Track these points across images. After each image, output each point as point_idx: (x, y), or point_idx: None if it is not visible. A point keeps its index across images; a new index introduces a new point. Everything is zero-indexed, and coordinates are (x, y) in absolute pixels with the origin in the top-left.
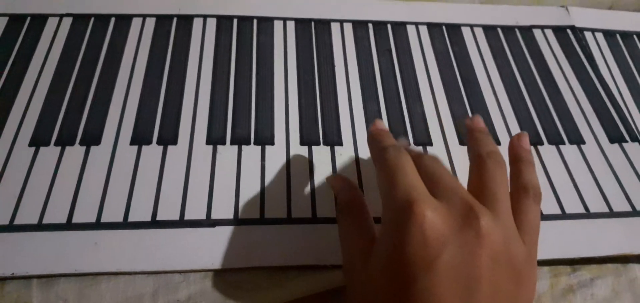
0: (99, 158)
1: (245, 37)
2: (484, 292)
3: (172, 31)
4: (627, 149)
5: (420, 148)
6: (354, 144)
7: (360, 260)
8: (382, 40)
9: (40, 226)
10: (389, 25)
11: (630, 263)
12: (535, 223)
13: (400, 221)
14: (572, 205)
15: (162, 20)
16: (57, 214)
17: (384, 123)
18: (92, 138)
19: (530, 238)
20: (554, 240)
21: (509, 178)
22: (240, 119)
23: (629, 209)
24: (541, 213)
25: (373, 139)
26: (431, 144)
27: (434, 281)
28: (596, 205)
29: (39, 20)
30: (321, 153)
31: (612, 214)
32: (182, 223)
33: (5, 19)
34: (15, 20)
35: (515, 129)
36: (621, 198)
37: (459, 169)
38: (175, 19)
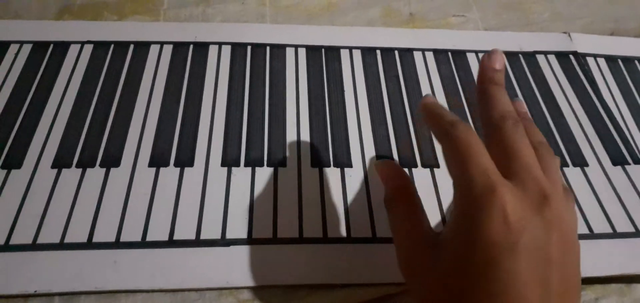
0: (119, 179)
1: (258, 63)
2: (556, 272)
3: (189, 58)
4: (630, 171)
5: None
6: (364, 166)
7: (427, 250)
8: (389, 66)
9: (62, 245)
10: (396, 52)
11: (634, 283)
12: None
13: (480, 205)
14: None
15: (179, 47)
16: (78, 233)
17: (433, 96)
18: (112, 160)
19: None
20: None
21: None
22: (254, 142)
23: (633, 230)
24: None
25: (432, 114)
26: (438, 166)
27: (517, 262)
28: (600, 226)
29: (62, 48)
30: (331, 175)
31: (615, 235)
32: (198, 242)
33: (29, 46)
34: (39, 47)
35: None
36: (624, 219)
37: None
38: (191, 46)
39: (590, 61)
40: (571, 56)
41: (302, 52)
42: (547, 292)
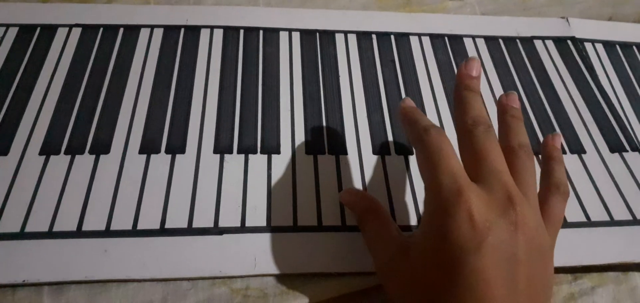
0: (109, 166)
1: (251, 48)
2: (522, 272)
3: (180, 42)
4: (627, 158)
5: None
6: (359, 153)
7: (398, 254)
8: (385, 51)
9: (50, 234)
10: (392, 36)
11: (631, 272)
12: (560, 217)
13: (447, 207)
14: (574, 214)
15: (170, 31)
16: (67, 222)
17: (412, 100)
18: (102, 147)
19: (554, 229)
20: (555, 249)
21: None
22: (247, 129)
23: (630, 218)
24: None
25: (408, 118)
26: None
27: (482, 262)
28: (597, 213)
29: (49, 31)
30: (326, 162)
31: (613, 222)
32: (190, 230)
33: (15, 29)
34: (26, 30)
35: None
36: (622, 206)
37: None
38: (182, 30)
39: (588, 46)
40: (569, 42)
41: (296, 36)
42: (513, 291)
